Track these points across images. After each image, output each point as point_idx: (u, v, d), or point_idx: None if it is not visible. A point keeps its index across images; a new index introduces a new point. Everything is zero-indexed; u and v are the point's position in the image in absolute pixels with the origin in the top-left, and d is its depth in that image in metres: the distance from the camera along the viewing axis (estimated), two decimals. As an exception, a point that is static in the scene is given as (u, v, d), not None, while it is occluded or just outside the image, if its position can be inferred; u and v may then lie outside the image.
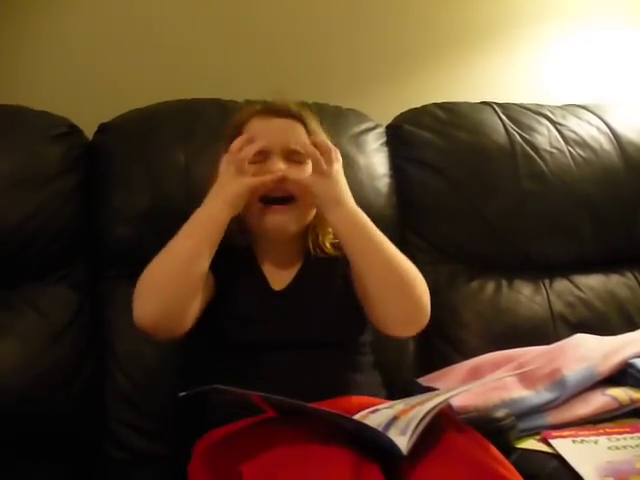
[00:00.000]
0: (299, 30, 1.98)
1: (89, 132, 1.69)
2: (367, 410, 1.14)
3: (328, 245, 1.46)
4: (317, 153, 1.34)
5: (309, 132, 1.42)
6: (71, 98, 1.82)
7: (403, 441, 1.05)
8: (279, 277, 1.43)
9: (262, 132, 1.38)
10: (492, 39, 2.12)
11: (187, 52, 1.91)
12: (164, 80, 1.87)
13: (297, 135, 1.41)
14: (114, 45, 1.88)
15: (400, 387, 1.52)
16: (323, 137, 1.43)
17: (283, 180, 1.36)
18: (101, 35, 1.87)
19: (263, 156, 1.38)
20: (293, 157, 1.39)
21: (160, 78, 1.88)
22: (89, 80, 1.86)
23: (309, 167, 1.38)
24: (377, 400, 1.29)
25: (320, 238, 1.46)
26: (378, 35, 2.03)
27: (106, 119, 1.70)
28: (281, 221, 1.40)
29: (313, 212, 1.44)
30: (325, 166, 1.34)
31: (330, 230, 1.45)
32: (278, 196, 1.39)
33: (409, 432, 1.06)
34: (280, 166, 1.37)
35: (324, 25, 2.00)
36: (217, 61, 1.93)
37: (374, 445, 1.09)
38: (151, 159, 1.63)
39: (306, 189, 1.36)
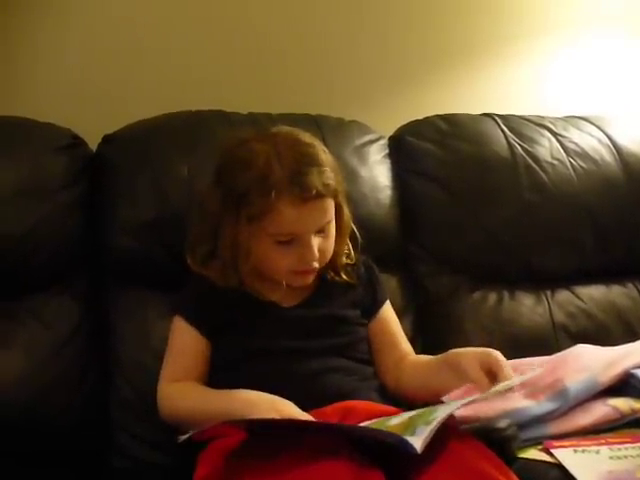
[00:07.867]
0: (302, 42, 1.99)
1: (93, 144, 1.70)
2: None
3: (342, 270, 1.47)
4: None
5: (338, 201, 1.40)
6: (75, 110, 1.82)
7: (416, 440, 1.06)
8: (288, 297, 1.44)
9: (297, 222, 1.35)
10: (493, 51, 2.13)
11: (191, 64, 1.92)
12: (168, 91, 1.88)
13: (328, 213, 1.38)
14: (118, 56, 1.88)
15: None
16: None
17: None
18: (105, 46, 1.88)
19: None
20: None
21: (164, 89, 1.89)
22: (93, 91, 1.86)
23: (332, 227, 1.39)
24: (382, 407, 1.32)
25: (336, 261, 1.46)
26: (381, 47, 2.05)
27: (110, 131, 1.70)
28: (305, 280, 1.42)
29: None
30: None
31: (344, 254, 1.47)
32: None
33: (424, 433, 1.07)
34: (316, 256, 1.37)
35: (327, 37, 2.01)
36: (221, 73, 1.94)
37: (382, 446, 1.10)
38: (155, 170, 1.63)
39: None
